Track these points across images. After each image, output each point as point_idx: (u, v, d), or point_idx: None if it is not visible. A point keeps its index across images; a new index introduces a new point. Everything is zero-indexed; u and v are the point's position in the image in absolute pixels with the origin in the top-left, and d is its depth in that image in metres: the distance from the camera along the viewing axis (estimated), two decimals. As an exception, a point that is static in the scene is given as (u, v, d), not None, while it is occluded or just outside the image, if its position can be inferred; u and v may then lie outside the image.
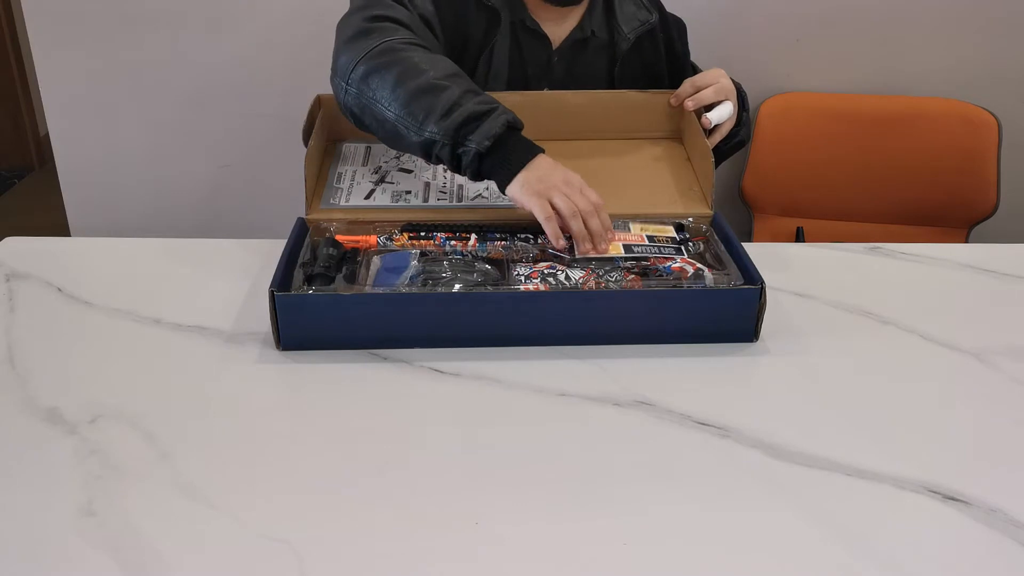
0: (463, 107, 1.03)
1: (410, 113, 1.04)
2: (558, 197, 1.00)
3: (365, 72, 1.07)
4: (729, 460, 0.82)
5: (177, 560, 0.70)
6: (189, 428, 0.85)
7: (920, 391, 0.93)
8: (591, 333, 0.98)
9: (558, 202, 1.00)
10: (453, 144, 1.03)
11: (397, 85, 1.05)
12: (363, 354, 0.96)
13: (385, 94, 1.06)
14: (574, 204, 1.00)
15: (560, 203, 1.00)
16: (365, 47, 1.08)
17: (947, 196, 1.84)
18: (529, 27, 1.28)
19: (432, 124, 1.03)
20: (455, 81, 1.06)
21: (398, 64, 1.06)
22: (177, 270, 1.14)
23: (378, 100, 1.06)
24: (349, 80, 1.09)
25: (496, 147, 1.03)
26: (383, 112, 1.06)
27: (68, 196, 1.98)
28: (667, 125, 1.29)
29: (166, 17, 1.81)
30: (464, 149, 1.03)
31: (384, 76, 1.06)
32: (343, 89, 1.10)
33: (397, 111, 1.05)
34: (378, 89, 1.06)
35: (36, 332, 1.00)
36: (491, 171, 1.04)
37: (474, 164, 1.04)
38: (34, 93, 3.15)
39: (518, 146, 1.04)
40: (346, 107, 1.13)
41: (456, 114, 1.02)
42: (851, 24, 1.83)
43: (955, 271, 1.18)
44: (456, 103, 1.03)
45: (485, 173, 1.05)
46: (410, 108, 1.04)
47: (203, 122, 1.91)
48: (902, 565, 0.71)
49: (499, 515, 0.75)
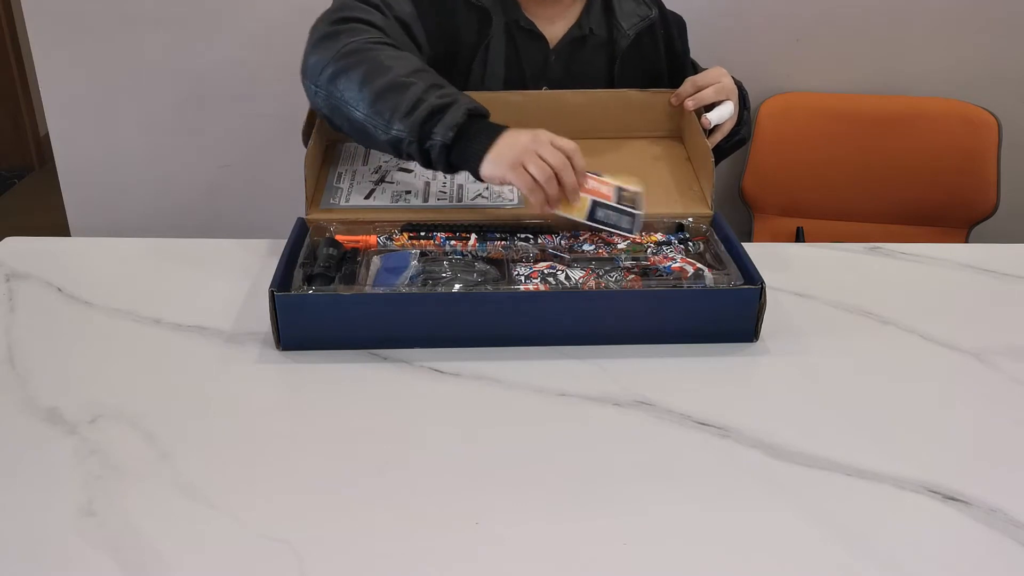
0: (426, 102, 1.03)
1: (377, 112, 1.05)
2: (531, 162, 1.00)
3: (333, 74, 1.08)
4: (729, 460, 0.82)
5: (177, 560, 0.70)
6: (189, 428, 0.85)
7: (920, 391, 0.93)
8: (591, 333, 0.98)
9: (532, 168, 0.99)
10: (419, 140, 1.03)
11: (363, 85, 1.05)
12: (363, 354, 0.96)
13: (352, 95, 1.06)
14: (547, 164, 1.00)
15: (534, 169, 0.99)
16: (333, 49, 1.09)
17: (947, 196, 1.84)
18: (524, 27, 1.28)
19: (398, 122, 1.03)
20: (419, 77, 1.06)
21: (364, 64, 1.07)
22: (177, 270, 1.14)
23: (346, 101, 1.07)
24: (318, 83, 1.09)
25: (460, 137, 1.03)
26: (352, 113, 1.07)
27: (68, 196, 1.98)
28: (667, 124, 1.28)
29: (166, 17, 1.81)
30: (431, 143, 1.03)
31: (351, 77, 1.06)
32: (313, 91, 1.11)
33: (364, 111, 1.06)
34: (345, 90, 1.07)
35: (36, 332, 1.00)
36: (461, 161, 1.04)
37: (442, 157, 1.04)
38: (34, 93, 3.15)
39: (481, 131, 1.03)
40: (318, 109, 1.14)
41: (420, 110, 1.02)
42: (851, 24, 1.83)
43: (955, 271, 1.18)
44: (419, 99, 1.03)
45: (456, 164, 1.05)
46: (376, 107, 1.05)
47: (203, 122, 1.91)
48: (902, 565, 0.71)
49: (499, 515, 0.75)
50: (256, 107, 1.89)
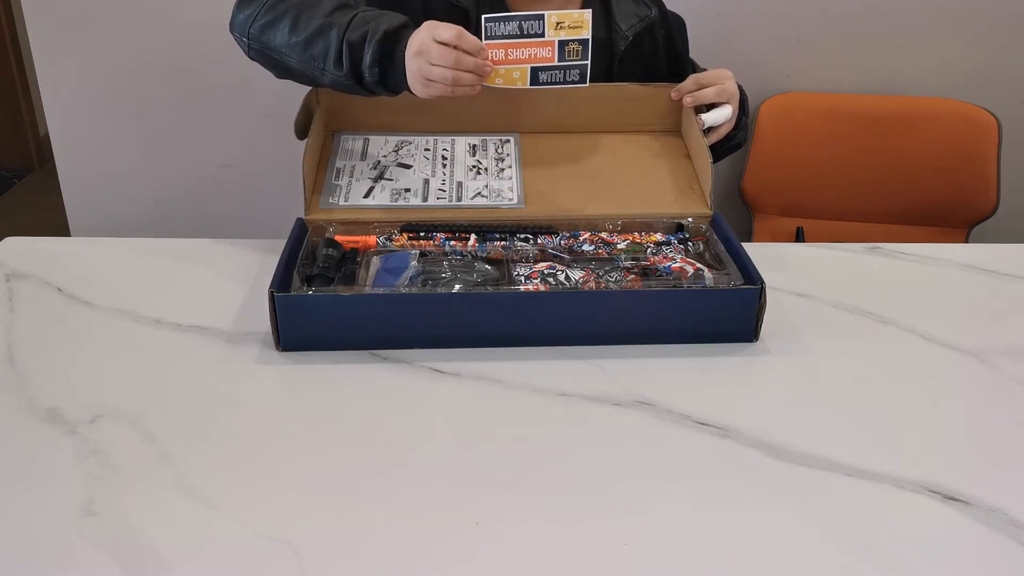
0: (348, 41, 1.04)
1: (310, 58, 1.07)
2: (429, 73, 1.01)
3: (262, 26, 1.10)
4: (729, 460, 0.82)
5: (177, 560, 0.70)
6: (189, 428, 0.85)
7: (920, 391, 0.93)
8: (591, 333, 0.98)
9: (435, 79, 1.01)
10: (357, 81, 1.06)
11: (291, 34, 1.07)
12: (363, 354, 0.96)
13: (284, 44, 1.08)
14: (445, 68, 1.00)
15: (436, 78, 1.01)
16: (260, 1, 1.11)
17: (947, 196, 1.84)
18: None
19: (331, 68, 1.06)
20: (338, 17, 1.06)
21: (289, 12, 1.08)
22: (177, 270, 1.14)
23: (279, 51, 1.09)
24: (249, 35, 1.11)
25: (384, 68, 1.04)
26: (287, 62, 1.09)
27: (68, 196, 1.98)
28: (667, 120, 1.28)
29: (166, 17, 1.80)
30: (366, 81, 1.05)
31: (279, 27, 1.08)
32: (246, 44, 1.13)
33: (298, 60, 1.08)
34: (277, 41, 1.09)
35: (36, 332, 1.00)
36: (397, 88, 1.06)
37: (383, 89, 1.06)
38: (34, 93, 3.15)
39: (399, 54, 1.03)
40: (252, 59, 1.16)
41: (345, 52, 1.04)
42: (851, 24, 1.83)
43: (955, 271, 1.18)
44: (343, 40, 1.04)
45: (397, 90, 1.06)
46: (308, 54, 1.07)
47: (203, 122, 1.91)
48: (902, 565, 0.71)
49: (499, 515, 0.75)
50: (256, 107, 1.89)
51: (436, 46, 1.00)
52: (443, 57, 1.00)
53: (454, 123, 1.25)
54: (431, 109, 1.23)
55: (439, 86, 1.01)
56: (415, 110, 1.24)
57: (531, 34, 1.04)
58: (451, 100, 1.05)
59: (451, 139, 1.25)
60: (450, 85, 1.01)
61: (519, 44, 1.04)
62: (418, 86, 1.03)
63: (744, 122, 1.30)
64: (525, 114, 1.25)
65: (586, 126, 1.27)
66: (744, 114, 1.29)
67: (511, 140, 1.25)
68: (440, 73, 1.00)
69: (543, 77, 1.05)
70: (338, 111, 1.24)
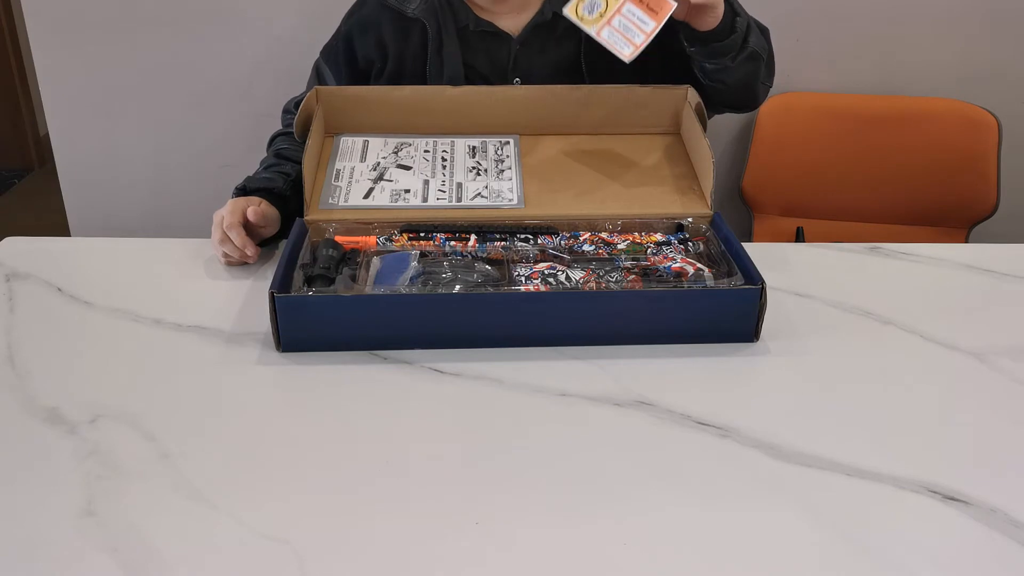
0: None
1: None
2: (213, 240, 1.14)
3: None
4: (729, 460, 0.82)
5: (177, 560, 0.70)
6: (189, 428, 0.85)
7: (920, 391, 0.93)
8: (591, 333, 0.98)
9: (213, 245, 1.15)
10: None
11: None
12: (363, 355, 0.96)
13: None
14: (215, 241, 1.13)
15: (213, 246, 1.14)
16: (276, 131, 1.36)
17: (947, 196, 1.84)
18: (476, 30, 1.29)
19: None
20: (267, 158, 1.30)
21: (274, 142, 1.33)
22: (177, 270, 1.14)
23: None
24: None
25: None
26: None
27: (68, 196, 1.98)
28: (667, 121, 1.28)
29: (166, 17, 1.80)
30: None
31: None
32: None
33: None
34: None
35: (36, 332, 1.00)
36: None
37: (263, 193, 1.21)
38: (34, 93, 3.15)
39: None
40: None
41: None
42: (851, 24, 1.83)
43: (955, 271, 1.18)
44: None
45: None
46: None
47: (203, 122, 1.91)
48: (902, 565, 0.71)
49: (499, 515, 0.75)
50: (256, 107, 1.89)
51: (215, 223, 1.13)
52: (215, 234, 1.13)
53: (453, 125, 1.25)
54: (430, 111, 1.24)
55: (219, 249, 1.14)
56: (414, 112, 1.24)
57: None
58: (451, 101, 1.05)
59: (451, 141, 1.24)
60: (235, 257, 1.13)
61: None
62: None
63: (744, 25, 1.20)
64: (524, 115, 1.25)
65: (586, 127, 1.27)
66: (736, 15, 1.20)
67: (510, 142, 1.25)
68: (213, 244, 1.14)
69: (606, 33, 1.04)
70: (338, 113, 1.24)
